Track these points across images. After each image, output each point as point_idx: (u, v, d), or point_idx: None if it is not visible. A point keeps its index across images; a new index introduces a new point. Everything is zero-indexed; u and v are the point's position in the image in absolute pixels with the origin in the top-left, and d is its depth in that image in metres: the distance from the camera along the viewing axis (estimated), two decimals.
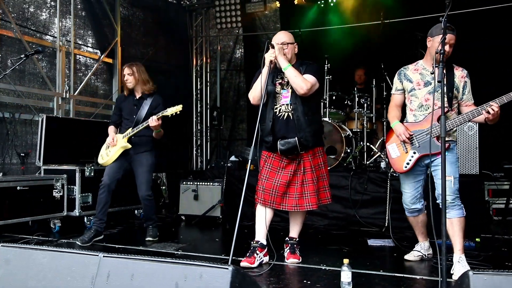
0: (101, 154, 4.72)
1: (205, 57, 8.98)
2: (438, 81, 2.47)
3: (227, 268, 1.86)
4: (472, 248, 4.22)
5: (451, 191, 3.37)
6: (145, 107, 4.59)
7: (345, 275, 2.96)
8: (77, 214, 5.29)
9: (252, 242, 3.70)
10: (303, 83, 3.54)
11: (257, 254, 3.61)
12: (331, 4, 7.69)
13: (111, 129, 4.74)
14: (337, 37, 7.51)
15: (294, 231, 3.90)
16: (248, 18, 8.14)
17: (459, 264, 3.34)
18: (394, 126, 3.66)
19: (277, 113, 3.69)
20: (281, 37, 3.74)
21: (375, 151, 6.29)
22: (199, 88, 8.97)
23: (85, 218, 5.41)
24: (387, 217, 4.92)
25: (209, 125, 8.95)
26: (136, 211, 6.26)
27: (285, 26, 8.01)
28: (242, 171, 6.31)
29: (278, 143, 3.63)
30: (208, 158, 8.93)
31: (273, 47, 3.57)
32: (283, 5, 7.98)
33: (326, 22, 7.67)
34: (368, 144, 6.32)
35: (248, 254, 3.62)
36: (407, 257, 3.89)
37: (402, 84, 3.69)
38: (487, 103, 3.23)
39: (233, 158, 6.81)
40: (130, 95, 4.72)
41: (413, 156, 3.56)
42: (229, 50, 9.15)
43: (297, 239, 3.89)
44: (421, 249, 3.89)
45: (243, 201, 3.02)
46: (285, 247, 3.89)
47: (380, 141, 6.46)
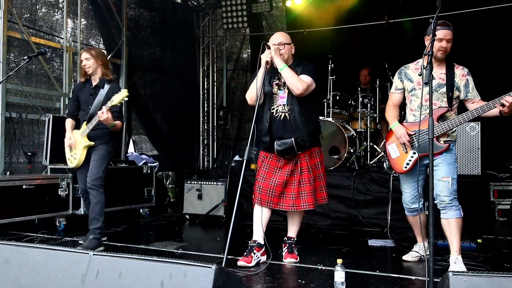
0: (68, 158, 4.45)
1: (212, 57, 9.02)
2: (425, 82, 2.46)
3: (210, 267, 1.90)
4: (473, 249, 4.19)
5: (448, 191, 3.36)
6: (100, 97, 4.24)
7: (339, 275, 2.98)
8: (82, 212, 5.35)
9: (250, 242, 3.73)
10: (299, 83, 3.55)
11: (254, 253, 3.64)
12: (336, 4, 7.67)
13: (68, 124, 4.43)
14: (341, 37, 7.49)
15: (292, 230, 3.93)
16: (254, 18, 8.16)
17: (456, 265, 3.32)
18: (394, 128, 3.64)
19: (274, 114, 3.72)
20: (277, 37, 3.75)
21: (379, 151, 6.27)
22: (206, 88, 9.02)
23: None
24: (388, 217, 4.90)
25: (215, 124, 8.99)
26: (141, 210, 6.33)
27: (291, 26, 8.04)
28: (246, 171, 6.33)
29: (275, 143, 3.65)
30: (215, 157, 8.98)
31: (269, 48, 3.59)
32: (289, 5, 7.98)
33: (331, 22, 7.65)
34: (372, 144, 6.30)
35: (245, 253, 3.65)
36: (405, 257, 3.88)
37: (403, 83, 3.66)
38: (500, 97, 3.19)
39: (237, 158, 6.85)
40: (86, 83, 4.38)
41: (412, 157, 3.53)
42: (235, 50, 9.17)
43: (295, 239, 3.91)
44: (419, 250, 3.86)
45: (247, 200, 3.06)
46: (283, 246, 3.92)
47: (384, 141, 6.43)
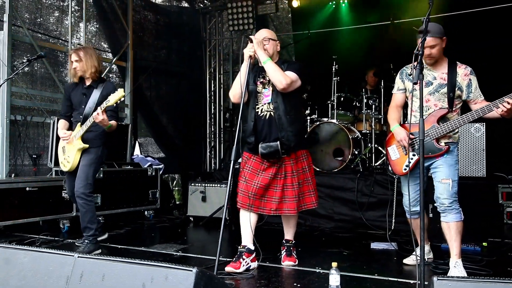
0: (61, 161, 4.29)
1: (218, 59, 9.04)
2: (414, 83, 2.41)
3: (191, 270, 1.88)
4: (478, 253, 4.12)
5: (448, 194, 3.30)
6: (94, 96, 4.13)
7: (333, 278, 2.92)
8: None
9: (239, 247, 3.63)
10: (282, 77, 3.46)
11: (244, 259, 3.51)
12: (342, 5, 7.64)
13: (61, 125, 4.31)
14: (346, 38, 7.45)
15: (288, 233, 3.87)
16: (260, 20, 8.16)
17: (455, 269, 3.27)
18: (394, 130, 3.60)
19: (259, 113, 3.64)
20: (262, 33, 3.71)
21: (384, 153, 6.19)
22: (212, 90, 9.04)
23: None
24: (392, 220, 4.84)
25: (222, 127, 9.00)
26: (146, 212, 6.35)
27: (297, 27, 8.01)
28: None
29: (260, 146, 3.57)
30: (222, 159, 8.98)
31: (252, 42, 3.51)
32: (295, 6, 7.95)
33: (336, 23, 7.61)
34: (376, 145, 6.23)
35: (234, 259, 3.55)
36: (406, 261, 3.83)
37: (404, 83, 3.62)
38: (500, 98, 3.14)
39: (241, 160, 6.80)
40: (80, 83, 4.26)
41: (412, 158, 3.48)
42: (242, 52, 9.15)
43: (293, 242, 3.86)
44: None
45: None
46: (281, 249, 3.87)
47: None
